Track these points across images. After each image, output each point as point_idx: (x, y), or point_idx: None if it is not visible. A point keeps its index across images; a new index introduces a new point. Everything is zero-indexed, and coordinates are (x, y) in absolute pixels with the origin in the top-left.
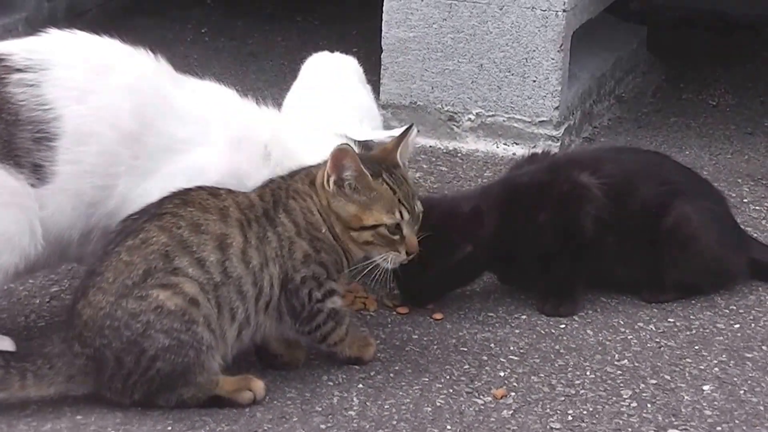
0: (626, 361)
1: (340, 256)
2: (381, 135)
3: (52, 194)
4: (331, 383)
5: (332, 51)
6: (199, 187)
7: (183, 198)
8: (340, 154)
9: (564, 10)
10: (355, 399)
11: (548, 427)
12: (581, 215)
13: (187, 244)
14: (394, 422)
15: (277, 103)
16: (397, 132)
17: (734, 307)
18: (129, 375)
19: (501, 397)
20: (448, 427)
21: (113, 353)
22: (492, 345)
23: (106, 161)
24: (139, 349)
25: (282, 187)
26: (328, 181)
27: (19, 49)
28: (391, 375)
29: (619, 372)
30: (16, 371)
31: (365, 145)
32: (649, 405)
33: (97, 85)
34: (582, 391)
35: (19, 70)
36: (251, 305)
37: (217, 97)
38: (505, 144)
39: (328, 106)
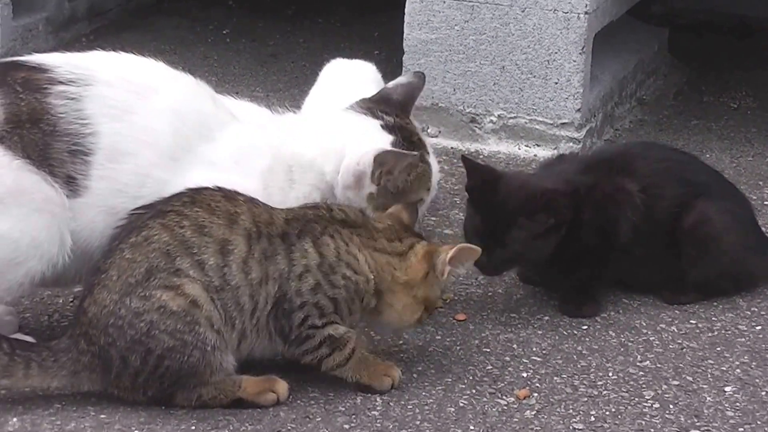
0: (648, 362)
1: (360, 310)
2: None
3: (84, 208)
4: None
5: (354, 52)
6: (217, 188)
7: (192, 197)
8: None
9: (586, 13)
10: (378, 399)
11: (571, 427)
12: (620, 220)
13: (188, 244)
14: (418, 422)
15: (298, 106)
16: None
17: (756, 309)
18: (137, 374)
19: (524, 398)
20: (471, 427)
21: (118, 352)
22: (515, 346)
23: (139, 182)
24: (145, 349)
25: (320, 222)
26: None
27: (64, 62)
28: (414, 375)
29: (641, 373)
30: (21, 359)
31: (379, 98)
32: (671, 406)
33: (137, 106)
34: (604, 392)
35: (62, 83)
36: (247, 318)
37: (253, 120)
38: (526, 146)
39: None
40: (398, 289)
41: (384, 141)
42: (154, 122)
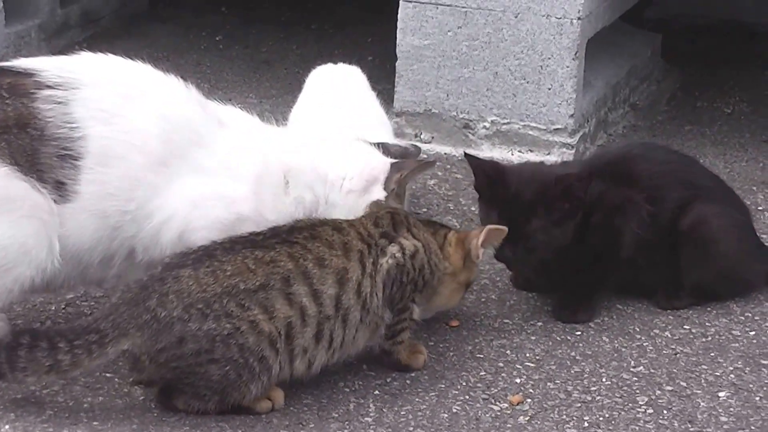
0: (642, 367)
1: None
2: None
3: (74, 213)
4: (347, 390)
5: (347, 58)
6: (324, 222)
7: (311, 232)
8: (497, 233)
9: (579, 18)
10: (371, 405)
11: None
12: (625, 231)
13: (309, 275)
14: (411, 428)
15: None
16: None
17: (750, 314)
18: (179, 358)
19: (517, 404)
20: None
21: (182, 332)
22: (508, 352)
23: (130, 185)
24: (209, 346)
25: (400, 216)
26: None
27: (51, 66)
28: (408, 381)
29: (635, 379)
30: (82, 349)
31: (380, 146)
32: (665, 411)
33: (126, 109)
34: (598, 398)
35: (49, 87)
36: (351, 331)
37: (242, 126)
38: (520, 151)
39: (338, 118)
40: (446, 278)
41: (384, 158)
42: (144, 125)
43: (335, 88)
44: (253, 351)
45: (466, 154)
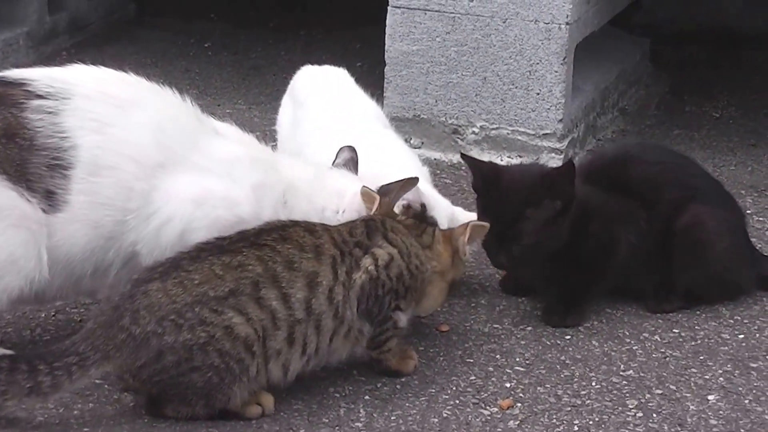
0: (632, 371)
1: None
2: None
3: (64, 223)
4: (338, 395)
5: (336, 64)
6: (295, 223)
7: (281, 234)
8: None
9: (567, 23)
10: (362, 410)
11: None
12: (622, 239)
13: (278, 279)
14: None
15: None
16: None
17: (739, 318)
18: (161, 371)
19: (507, 408)
20: None
21: (159, 346)
22: (498, 356)
23: (123, 195)
24: (187, 356)
25: (377, 222)
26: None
27: (42, 75)
28: (398, 386)
29: (624, 382)
30: (62, 371)
31: (382, 191)
32: (654, 415)
33: (119, 118)
34: (588, 402)
35: (40, 97)
36: (325, 338)
37: (239, 139)
38: (509, 157)
39: (348, 120)
40: (434, 278)
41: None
42: (136, 135)
43: (333, 91)
44: (231, 354)
45: (462, 155)
